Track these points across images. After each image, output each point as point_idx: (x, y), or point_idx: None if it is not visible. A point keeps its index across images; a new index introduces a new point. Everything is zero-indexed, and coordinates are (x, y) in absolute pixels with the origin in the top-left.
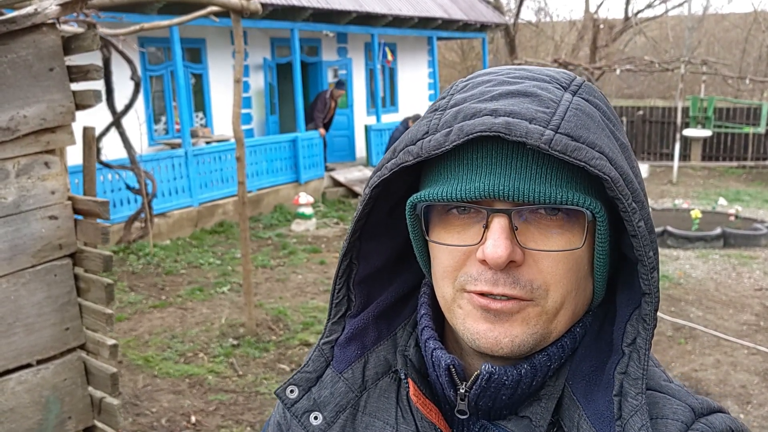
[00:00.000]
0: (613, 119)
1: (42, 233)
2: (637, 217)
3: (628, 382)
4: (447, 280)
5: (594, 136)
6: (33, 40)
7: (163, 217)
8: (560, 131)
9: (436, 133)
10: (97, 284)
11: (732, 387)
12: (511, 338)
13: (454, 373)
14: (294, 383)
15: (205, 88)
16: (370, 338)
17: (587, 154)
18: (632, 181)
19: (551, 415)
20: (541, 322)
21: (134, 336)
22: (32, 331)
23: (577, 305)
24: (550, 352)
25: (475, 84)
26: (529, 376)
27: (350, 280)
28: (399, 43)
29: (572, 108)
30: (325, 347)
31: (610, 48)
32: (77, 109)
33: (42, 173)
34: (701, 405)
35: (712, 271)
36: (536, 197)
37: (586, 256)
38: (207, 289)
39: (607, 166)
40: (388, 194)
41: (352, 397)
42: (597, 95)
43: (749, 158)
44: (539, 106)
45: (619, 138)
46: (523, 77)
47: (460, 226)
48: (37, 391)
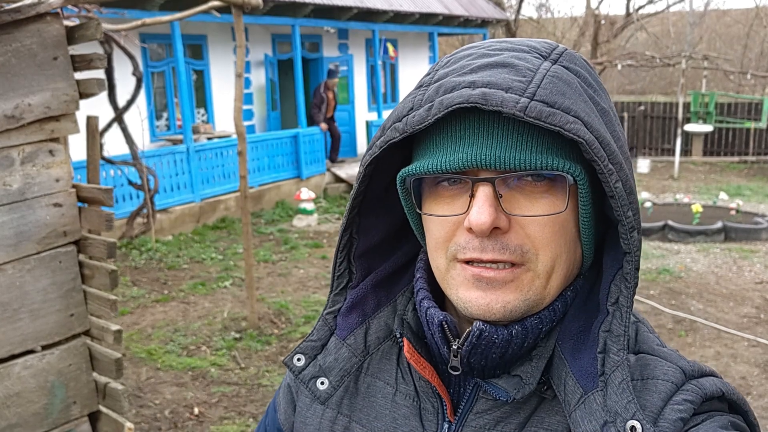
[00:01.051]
0: (595, 86)
1: (47, 220)
2: (614, 178)
3: (611, 340)
4: (439, 251)
5: (569, 101)
6: (37, 29)
7: (165, 213)
8: (536, 98)
9: (420, 108)
10: (101, 270)
11: (732, 378)
12: (503, 304)
13: (446, 329)
14: (300, 351)
15: (207, 84)
16: (370, 306)
17: (561, 119)
18: (609, 143)
19: (542, 374)
20: (534, 287)
21: (137, 329)
22: (37, 316)
23: (568, 269)
24: (542, 315)
25: (457, 58)
26: (520, 337)
27: (351, 254)
28: (400, 39)
29: (549, 76)
30: (329, 317)
31: (612, 44)
32: (81, 97)
33: (46, 161)
34: (692, 368)
35: (713, 264)
36: (517, 164)
37: (572, 219)
38: (209, 283)
39: (581, 130)
40: (382, 171)
41: (355, 361)
42: (579, 63)
43: (750, 153)
44: (516, 76)
45: (599, 103)
46: (503, 49)
47: (449, 197)
48: (43, 376)
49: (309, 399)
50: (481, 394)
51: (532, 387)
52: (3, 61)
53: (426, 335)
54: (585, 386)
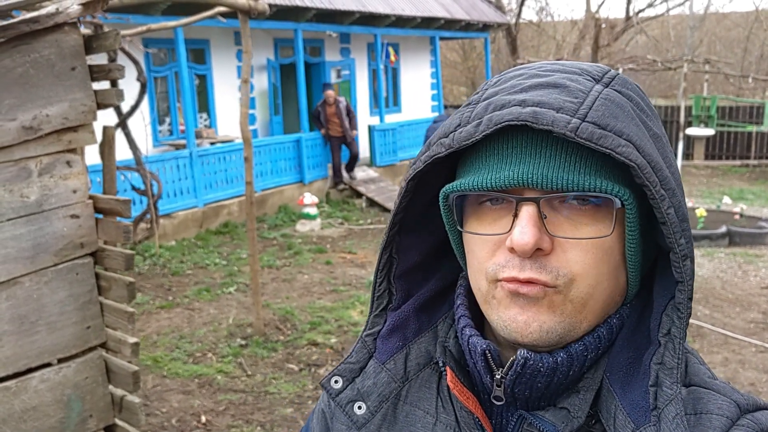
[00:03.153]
0: (648, 110)
1: (64, 232)
2: (666, 204)
3: (663, 372)
4: (481, 272)
5: (621, 124)
6: (55, 40)
7: (168, 218)
8: (587, 120)
9: (468, 125)
10: (118, 282)
11: (741, 385)
12: (539, 323)
13: (489, 358)
14: (338, 374)
15: (209, 89)
16: (411, 330)
17: (613, 141)
18: (661, 168)
19: (590, 407)
20: (567, 311)
21: (142, 337)
22: (54, 329)
23: (609, 296)
24: (586, 342)
25: (507, 78)
26: (565, 365)
27: (391, 273)
28: (402, 43)
29: (601, 98)
30: (368, 339)
31: (612, 47)
32: (98, 108)
33: (64, 172)
34: (747, 401)
35: (718, 269)
36: (565, 185)
37: (617, 246)
38: (214, 289)
39: (633, 153)
40: (425, 187)
41: (394, 387)
42: (631, 87)
43: (752, 157)
44: (568, 96)
45: (652, 128)
46: (555, 70)
47: (492, 217)
48: (59, 390)
49: (345, 426)
50: (526, 427)
51: (581, 421)
52: (21, 72)
53: (468, 364)
54: (636, 421)
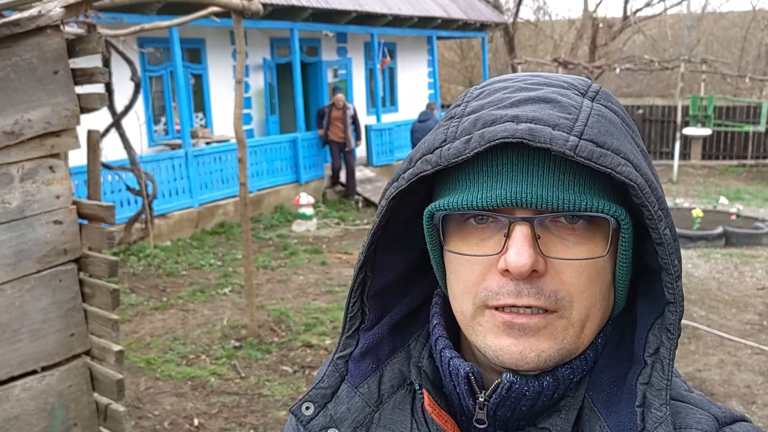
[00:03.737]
0: (631, 125)
1: (47, 238)
2: (663, 225)
3: (651, 393)
4: (467, 296)
5: (618, 142)
6: (37, 43)
7: (163, 218)
8: (584, 137)
9: (455, 140)
10: (102, 289)
11: (736, 387)
12: (537, 353)
13: (473, 381)
14: (309, 400)
15: (205, 89)
16: (384, 351)
17: (613, 160)
18: (656, 188)
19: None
20: (568, 336)
21: (136, 338)
22: (37, 337)
23: (602, 317)
24: (573, 365)
25: (492, 91)
26: (551, 389)
27: (364, 293)
28: (399, 43)
29: (594, 114)
30: (340, 362)
31: (609, 47)
32: (82, 112)
33: (47, 177)
34: (724, 414)
35: (714, 270)
36: (559, 204)
37: (609, 265)
38: (208, 290)
39: (633, 173)
40: (403, 205)
41: (368, 412)
42: (614, 101)
43: (749, 157)
44: (561, 112)
45: (639, 144)
46: (541, 83)
47: (478, 236)
48: (43, 398)
49: None
50: None
51: None
52: (2, 76)
53: (446, 386)
54: None
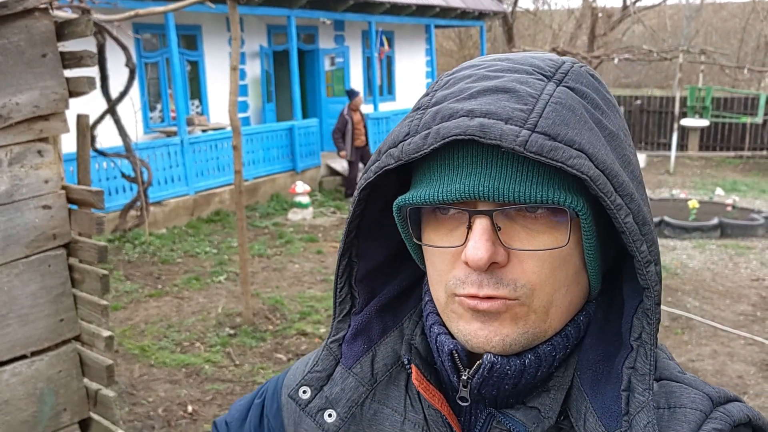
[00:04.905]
0: (603, 106)
1: (35, 223)
2: (623, 213)
3: (635, 378)
4: (440, 284)
5: (573, 131)
6: (25, 26)
7: (159, 206)
8: (537, 130)
9: (416, 135)
10: (92, 275)
11: (729, 377)
12: (501, 337)
13: (456, 358)
14: (306, 383)
15: (201, 76)
16: (375, 332)
17: (564, 153)
18: (616, 174)
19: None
20: (530, 321)
21: (130, 325)
22: (26, 322)
23: (570, 300)
24: (554, 342)
25: (457, 79)
26: (533, 366)
27: (351, 278)
28: (397, 31)
29: (552, 102)
30: (333, 345)
31: (608, 37)
32: (71, 96)
33: (35, 162)
34: (718, 394)
35: (709, 261)
36: (516, 197)
37: (576, 251)
38: (203, 278)
39: (585, 165)
40: (379, 193)
41: (363, 391)
42: (585, 81)
43: (746, 148)
44: (517, 104)
45: (607, 126)
46: (505, 69)
47: (447, 227)
48: (32, 383)
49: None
50: (494, 425)
51: (552, 421)
52: None
53: (436, 362)
54: (607, 425)
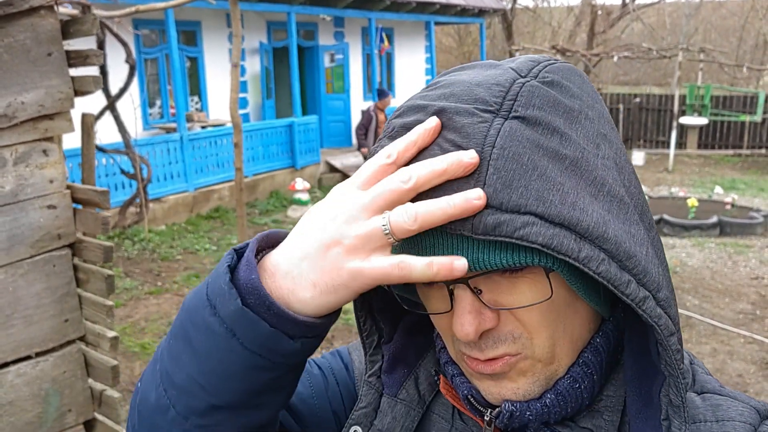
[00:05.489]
0: (562, 127)
1: (40, 223)
2: (593, 264)
3: (671, 410)
4: (447, 339)
5: (518, 192)
6: (31, 24)
7: (158, 203)
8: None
9: None
10: (97, 275)
11: (729, 376)
12: (513, 390)
13: (473, 401)
14: (355, 423)
15: (201, 72)
16: (411, 356)
17: (508, 228)
18: (578, 222)
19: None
20: (538, 369)
21: (130, 323)
22: (31, 322)
23: (574, 330)
24: (573, 374)
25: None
26: (557, 404)
27: (372, 309)
28: (396, 28)
29: (493, 159)
30: (372, 379)
31: (608, 34)
32: (76, 95)
33: (40, 161)
34: (764, 407)
35: (708, 259)
36: (483, 266)
37: (566, 295)
38: (203, 275)
39: (533, 232)
40: None
41: (415, 414)
42: (539, 101)
43: (745, 146)
44: None
45: (568, 155)
46: (447, 95)
47: (433, 292)
48: (37, 384)
49: None
50: None
51: None
52: None
53: None
54: None
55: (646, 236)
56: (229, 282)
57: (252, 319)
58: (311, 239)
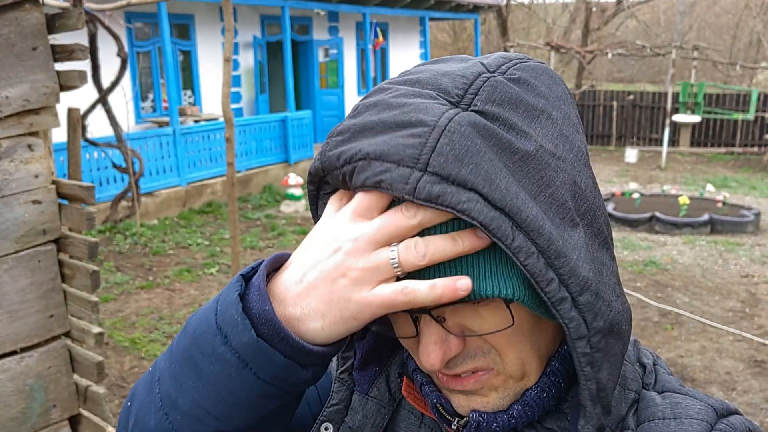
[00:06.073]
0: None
1: (25, 218)
2: (522, 255)
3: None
4: (414, 355)
5: (467, 169)
6: (15, 18)
7: (150, 197)
8: (429, 170)
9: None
10: (82, 271)
11: (717, 373)
12: (483, 404)
13: (441, 410)
14: (326, 420)
15: (194, 66)
16: (384, 353)
17: (453, 198)
18: (519, 210)
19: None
20: (509, 384)
21: (121, 317)
22: (15, 318)
23: (540, 344)
24: (541, 384)
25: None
26: (524, 415)
27: None
28: (391, 23)
29: (447, 132)
30: (344, 376)
31: (602, 31)
32: (61, 90)
33: (25, 156)
34: (721, 406)
35: (699, 257)
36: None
37: (525, 316)
38: (195, 270)
39: (476, 209)
40: None
41: (385, 412)
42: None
43: (737, 144)
44: (410, 138)
45: (520, 149)
46: (409, 94)
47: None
48: (21, 380)
49: None
50: None
51: None
52: None
53: None
54: None
55: (584, 242)
56: (241, 312)
57: (267, 350)
58: (317, 270)
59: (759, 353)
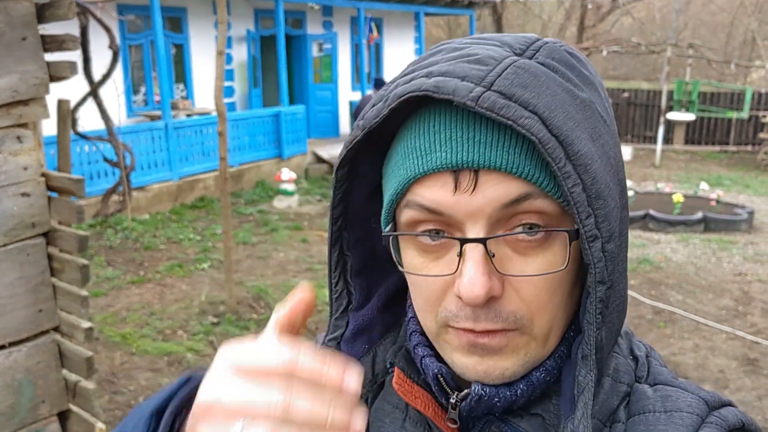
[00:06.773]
0: (577, 81)
1: (14, 211)
2: (570, 182)
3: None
4: (429, 313)
5: (531, 94)
6: (4, 7)
7: (141, 191)
8: (493, 88)
9: (379, 102)
10: (71, 265)
11: (710, 372)
12: (501, 371)
13: (443, 382)
14: None
15: (186, 59)
16: (376, 332)
17: (516, 112)
18: (572, 142)
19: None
20: (531, 349)
21: (111, 312)
22: (4, 312)
23: (565, 322)
24: (547, 366)
25: (429, 54)
26: (526, 394)
27: (346, 272)
28: (386, 18)
29: (514, 66)
30: (331, 343)
31: (597, 28)
32: (51, 81)
33: (14, 148)
34: (713, 398)
35: (693, 255)
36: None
37: (570, 274)
38: (187, 265)
39: (536, 127)
40: (361, 178)
41: (363, 392)
42: (558, 57)
43: (731, 143)
44: (477, 65)
45: (579, 96)
46: (473, 42)
47: (435, 253)
48: (10, 374)
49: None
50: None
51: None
52: None
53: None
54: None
55: (618, 203)
56: None
57: None
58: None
59: (752, 351)
